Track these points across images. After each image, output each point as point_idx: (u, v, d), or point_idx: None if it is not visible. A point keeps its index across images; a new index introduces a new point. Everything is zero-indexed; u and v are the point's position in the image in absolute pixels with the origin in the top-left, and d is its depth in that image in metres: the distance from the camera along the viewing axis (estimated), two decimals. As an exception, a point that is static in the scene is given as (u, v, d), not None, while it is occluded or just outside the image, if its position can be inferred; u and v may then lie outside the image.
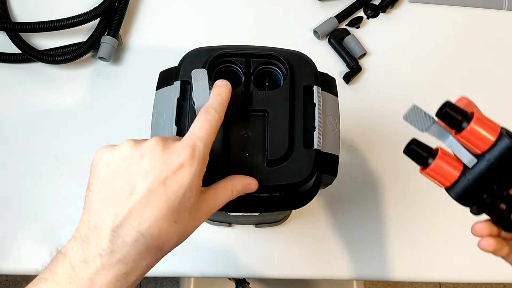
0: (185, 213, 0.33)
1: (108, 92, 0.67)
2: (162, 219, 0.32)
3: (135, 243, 0.32)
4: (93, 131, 0.65)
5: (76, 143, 0.64)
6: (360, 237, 0.63)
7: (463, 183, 0.37)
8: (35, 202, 0.62)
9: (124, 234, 0.31)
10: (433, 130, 0.37)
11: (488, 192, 0.37)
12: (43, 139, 0.65)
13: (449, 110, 0.35)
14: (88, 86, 0.67)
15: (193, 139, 0.34)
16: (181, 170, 0.33)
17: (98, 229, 0.32)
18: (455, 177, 0.37)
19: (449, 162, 0.37)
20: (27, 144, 0.64)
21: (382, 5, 0.72)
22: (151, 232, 0.32)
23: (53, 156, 0.64)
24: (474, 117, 0.35)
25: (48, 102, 0.66)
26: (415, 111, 0.37)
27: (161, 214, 0.32)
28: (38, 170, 0.63)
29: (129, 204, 0.32)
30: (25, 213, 0.62)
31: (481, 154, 0.36)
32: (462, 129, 0.35)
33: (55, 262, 0.32)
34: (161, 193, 0.32)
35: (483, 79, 0.71)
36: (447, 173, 0.37)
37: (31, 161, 0.64)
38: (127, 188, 0.32)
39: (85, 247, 0.32)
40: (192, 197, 0.33)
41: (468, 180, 0.37)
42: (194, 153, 0.33)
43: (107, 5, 0.65)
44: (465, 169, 0.37)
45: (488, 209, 0.38)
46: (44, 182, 0.63)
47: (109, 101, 0.67)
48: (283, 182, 0.39)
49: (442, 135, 0.37)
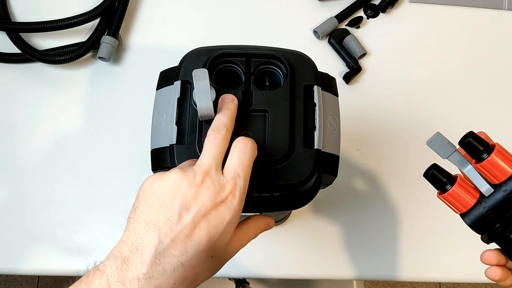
0: (221, 249, 0.35)
1: (108, 92, 0.67)
2: (202, 252, 0.33)
3: (174, 272, 0.32)
4: (93, 131, 0.65)
5: (76, 143, 0.64)
6: (360, 237, 0.63)
7: (478, 210, 0.39)
8: (35, 202, 0.62)
9: (166, 262, 0.32)
10: (454, 158, 0.39)
11: (500, 222, 0.39)
12: (42, 139, 0.65)
13: (472, 140, 0.38)
14: (88, 86, 0.67)
15: (234, 176, 0.35)
16: (223, 206, 0.34)
17: (140, 252, 0.32)
18: (471, 205, 0.39)
19: (467, 190, 0.39)
20: (26, 144, 0.64)
21: (382, 5, 0.72)
22: (190, 264, 0.33)
23: (53, 156, 0.64)
24: (496, 149, 0.38)
25: (48, 102, 0.66)
26: (438, 139, 0.39)
27: (201, 248, 0.33)
28: (38, 170, 0.63)
29: (173, 233, 0.33)
30: (25, 213, 0.61)
31: (498, 184, 0.38)
32: (482, 159, 0.37)
33: (92, 278, 0.32)
34: (204, 227, 0.33)
35: (483, 79, 0.71)
36: (463, 200, 0.39)
37: (30, 161, 0.64)
38: (173, 218, 0.33)
39: (124, 268, 0.32)
40: (229, 234, 0.35)
41: (484, 208, 0.39)
42: (235, 191, 0.34)
43: (107, 5, 0.65)
44: (481, 197, 0.39)
45: (498, 239, 0.39)
46: (44, 182, 0.63)
47: (109, 101, 0.67)
48: (283, 182, 0.39)
49: (462, 163, 0.39)
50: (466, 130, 0.39)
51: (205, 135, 0.39)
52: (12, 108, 0.66)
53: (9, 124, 0.65)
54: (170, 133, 0.40)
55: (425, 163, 0.41)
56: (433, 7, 0.74)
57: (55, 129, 0.65)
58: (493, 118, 0.69)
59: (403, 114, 0.68)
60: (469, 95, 0.70)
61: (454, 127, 0.67)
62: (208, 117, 0.39)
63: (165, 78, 0.44)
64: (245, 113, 0.40)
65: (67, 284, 0.34)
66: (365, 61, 0.70)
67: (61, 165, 0.64)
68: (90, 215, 0.62)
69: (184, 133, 0.40)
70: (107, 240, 0.61)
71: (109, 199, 0.62)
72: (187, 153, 0.40)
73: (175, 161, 0.40)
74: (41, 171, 0.63)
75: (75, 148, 0.64)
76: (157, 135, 0.42)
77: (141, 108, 0.65)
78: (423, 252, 0.63)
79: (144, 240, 0.33)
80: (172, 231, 0.33)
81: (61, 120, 0.66)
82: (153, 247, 0.32)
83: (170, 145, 0.41)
